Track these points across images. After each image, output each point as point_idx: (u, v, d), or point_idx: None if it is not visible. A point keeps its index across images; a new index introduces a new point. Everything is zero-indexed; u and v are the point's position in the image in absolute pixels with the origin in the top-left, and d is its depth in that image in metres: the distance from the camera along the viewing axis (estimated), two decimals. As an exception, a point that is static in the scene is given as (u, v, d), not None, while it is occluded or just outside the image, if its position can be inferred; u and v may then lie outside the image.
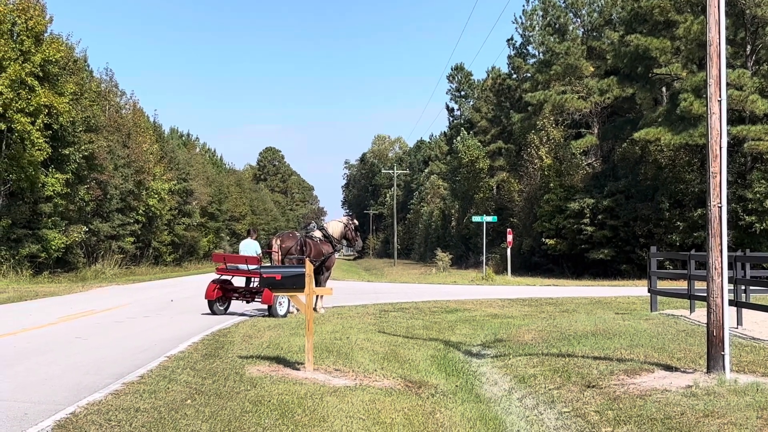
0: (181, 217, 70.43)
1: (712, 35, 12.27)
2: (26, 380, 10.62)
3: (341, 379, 11.32)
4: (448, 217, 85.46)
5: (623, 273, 44.89)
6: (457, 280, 44.10)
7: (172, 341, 14.69)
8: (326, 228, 22.75)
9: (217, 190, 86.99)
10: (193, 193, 74.16)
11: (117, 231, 52.56)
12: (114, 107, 57.90)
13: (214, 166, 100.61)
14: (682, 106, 38.88)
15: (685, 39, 40.12)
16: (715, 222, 12.07)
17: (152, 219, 60.16)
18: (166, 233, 65.52)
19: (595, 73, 52.14)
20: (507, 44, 68.34)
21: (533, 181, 55.32)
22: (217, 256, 21.54)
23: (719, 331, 11.45)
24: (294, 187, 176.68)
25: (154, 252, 63.00)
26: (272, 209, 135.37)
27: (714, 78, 12.24)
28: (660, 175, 44.94)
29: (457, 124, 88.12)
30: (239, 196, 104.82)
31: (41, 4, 41.12)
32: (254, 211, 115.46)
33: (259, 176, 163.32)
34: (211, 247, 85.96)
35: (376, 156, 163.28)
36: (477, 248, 66.87)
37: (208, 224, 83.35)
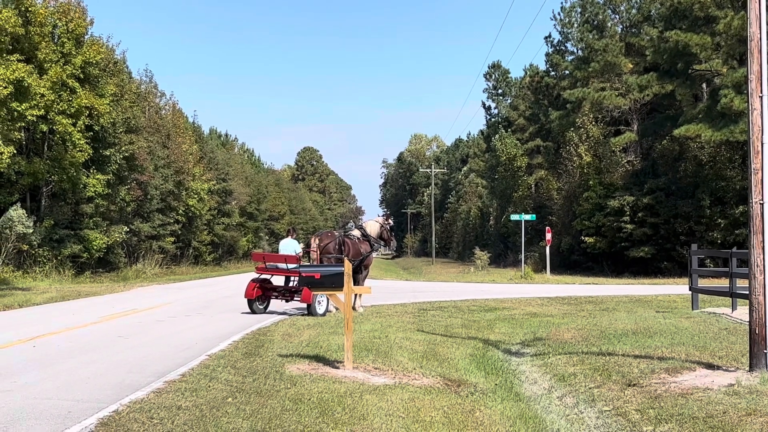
0: (221, 216, 70.94)
1: (753, 30, 12.13)
2: (69, 379, 10.77)
3: (380, 377, 11.35)
4: (486, 216, 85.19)
5: (663, 271, 44.46)
6: (495, 279, 44.01)
7: (213, 340, 14.82)
8: (364, 227, 22.83)
9: (255, 190, 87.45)
10: (232, 193, 74.66)
11: (157, 231, 53.06)
12: (154, 108, 58.48)
13: (252, 166, 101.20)
14: (723, 102, 38.39)
15: (726, 35, 39.59)
16: (757, 219, 11.92)
17: (192, 219, 60.65)
18: (206, 233, 66.03)
19: (633, 70, 51.66)
20: (545, 41, 67.82)
21: (572, 179, 54.93)
22: (257, 256, 21.66)
23: (762, 329, 11.33)
24: (332, 186, 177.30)
25: (194, 252, 63.52)
26: (310, 209, 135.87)
27: (755, 73, 12.10)
28: (700, 171, 44.45)
29: (494, 123, 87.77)
30: (278, 195, 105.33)
31: (82, 7, 41.62)
32: (293, 211, 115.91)
33: (298, 176, 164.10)
34: (250, 246, 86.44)
35: (414, 155, 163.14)
36: (515, 247, 66.57)
37: (247, 224, 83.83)
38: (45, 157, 38.41)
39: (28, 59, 36.03)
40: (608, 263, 48.59)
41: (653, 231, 45.48)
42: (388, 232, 22.92)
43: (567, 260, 52.58)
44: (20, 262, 36.70)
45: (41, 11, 37.79)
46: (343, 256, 20.83)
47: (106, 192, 41.66)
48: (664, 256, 45.13)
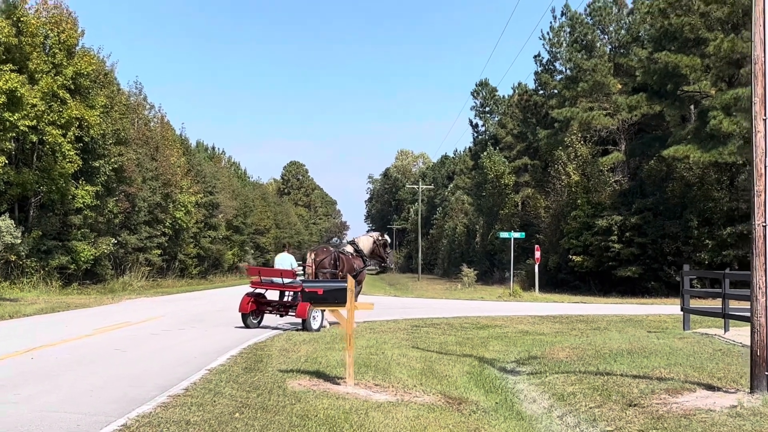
0: (207, 230, 70.76)
1: (758, 53, 12.22)
2: (72, 391, 10.71)
3: (382, 394, 11.34)
4: (473, 233, 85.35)
5: (651, 291, 44.63)
6: (484, 296, 44.02)
7: (211, 354, 14.77)
8: (357, 243, 22.84)
9: (242, 204, 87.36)
10: (219, 206, 74.50)
11: (144, 243, 52.90)
12: (143, 120, 58.39)
13: (239, 179, 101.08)
14: (712, 123, 38.73)
15: (715, 57, 39.98)
16: (760, 241, 11.99)
17: (179, 232, 60.46)
18: (192, 246, 65.83)
19: (622, 90, 52.04)
20: (534, 60, 68.36)
21: (560, 197, 55.17)
22: (252, 270, 21.63)
23: (763, 351, 11.40)
24: (317, 201, 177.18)
25: (180, 264, 63.30)
26: (296, 223, 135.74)
27: (759, 96, 12.18)
28: (688, 192, 44.73)
29: (482, 140, 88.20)
30: (264, 209, 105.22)
31: (73, 18, 41.59)
32: (278, 225, 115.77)
33: (283, 190, 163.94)
34: (236, 260, 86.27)
35: (400, 171, 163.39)
36: (502, 264, 66.68)
37: (233, 237, 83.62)
38: (34, 167, 38.26)
39: (19, 69, 35.94)
40: (595, 282, 48.76)
41: (641, 251, 45.70)
42: (381, 248, 22.92)
43: (554, 278, 52.73)
44: (8, 273, 36.46)
45: (33, 22, 37.76)
46: (337, 271, 20.86)
47: (95, 203, 41.52)
48: (652, 275, 45.34)
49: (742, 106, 38.26)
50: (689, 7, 40.63)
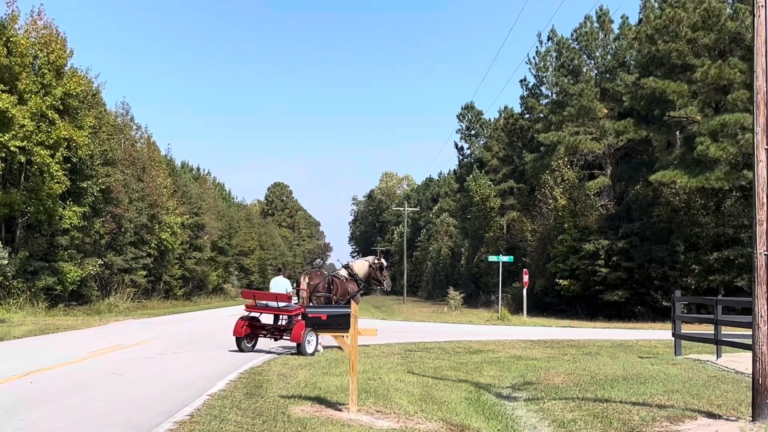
0: (192, 251, 70.68)
1: (759, 83, 12.32)
2: (77, 417, 10.64)
3: (385, 421, 11.31)
4: (458, 255, 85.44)
5: (637, 315, 44.75)
6: (472, 320, 44.04)
7: (209, 378, 14.72)
8: (352, 267, 22.84)
9: (227, 225, 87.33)
10: (205, 227, 74.43)
11: (130, 264, 52.76)
12: (129, 141, 58.34)
13: (223, 200, 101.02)
14: (699, 149, 39.02)
15: (702, 83, 40.38)
16: (761, 270, 12.05)
17: (164, 253, 60.35)
18: (177, 267, 65.70)
19: (608, 115, 52.40)
20: (520, 84, 68.71)
21: (547, 221, 55.35)
22: (247, 293, 21.57)
23: (765, 379, 11.45)
24: (301, 222, 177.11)
25: (164, 286, 63.15)
26: (280, 244, 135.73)
27: (761, 126, 12.27)
28: (675, 217, 44.99)
29: (467, 163, 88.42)
30: (248, 230, 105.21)
31: (62, 38, 41.55)
32: (262, 246, 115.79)
33: (267, 211, 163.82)
34: (220, 281, 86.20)
35: (384, 193, 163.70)
36: (487, 287, 66.77)
37: (218, 259, 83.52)
38: (22, 188, 38.13)
39: (9, 90, 35.87)
40: (582, 306, 48.87)
41: (627, 275, 45.85)
42: (379, 271, 22.90)
43: (540, 302, 52.81)
44: (-6, 294, 36.29)
45: (22, 42, 37.73)
46: (331, 295, 20.86)
47: (82, 224, 41.41)
48: (638, 300, 45.48)
49: (728, 132, 38.63)
50: (676, 33, 41.02)
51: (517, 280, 56.80)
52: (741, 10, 38.65)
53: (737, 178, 39.08)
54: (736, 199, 42.24)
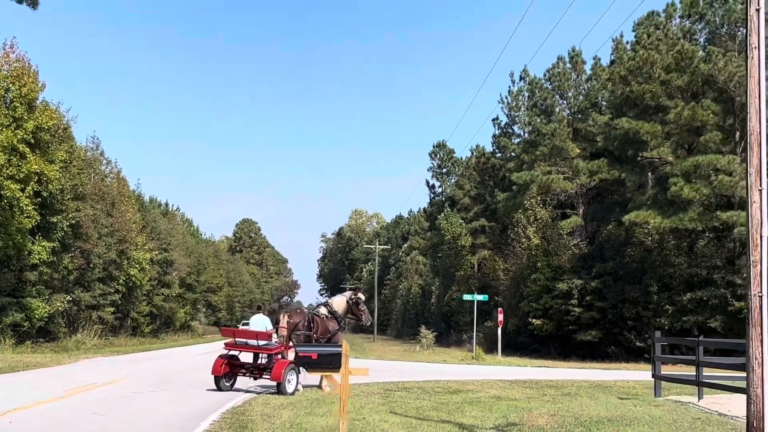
0: (161, 287, 69.92)
1: (753, 124, 12.29)
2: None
3: (376, 463, 11.04)
4: (428, 294, 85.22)
5: (610, 355, 44.71)
6: (446, 359, 43.74)
7: (191, 419, 14.35)
8: (331, 304, 22.53)
9: (196, 261, 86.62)
10: (173, 263, 73.74)
11: (98, 301, 51.98)
12: (99, 175, 57.76)
13: (192, 236, 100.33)
14: (673, 190, 39.31)
15: (676, 124, 40.78)
16: (756, 312, 11.94)
17: (132, 289, 59.56)
18: (145, 304, 64.90)
19: (581, 155, 52.74)
20: (492, 123, 69.16)
21: (520, 260, 55.35)
22: (226, 331, 21.21)
23: (760, 422, 11.31)
24: (269, 259, 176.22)
25: (132, 323, 62.27)
26: (248, 281, 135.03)
27: (755, 167, 12.22)
28: (648, 257, 45.17)
29: (438, 201, 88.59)
30: (216, 267, 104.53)
31: (34, 72, 41.10)
32: (230, 283, 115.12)
33: (235, 248, 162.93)
34: (188, 318, 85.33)
35: (354, 230, 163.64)
36: (458, 326, 66.56)
37: (186, 295, 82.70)
38: (-9, 222, 37.49)
39: (-20, 123, 35.45)
40: (555, 346, 48.78)
41: (601, 315, 45.87)
42: (356, 306, 22.62)
43: (513, 341, 52.62)
44: (-40, 330, 35.54)
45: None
46: (311, 333, 20.55)
47: (51, 260, 40.77)
48: (612, 340, 45.47)
49: (702, 173, 38.96)
50: (650, 75, 41.45)
51: (489, 319, 56.67)
52: (713, 53, 39.15)
53: (710, 219, 39.37)
54: (709, 240, 42.50)
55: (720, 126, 40.42)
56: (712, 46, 40.27)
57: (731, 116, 40.62)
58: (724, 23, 41.15)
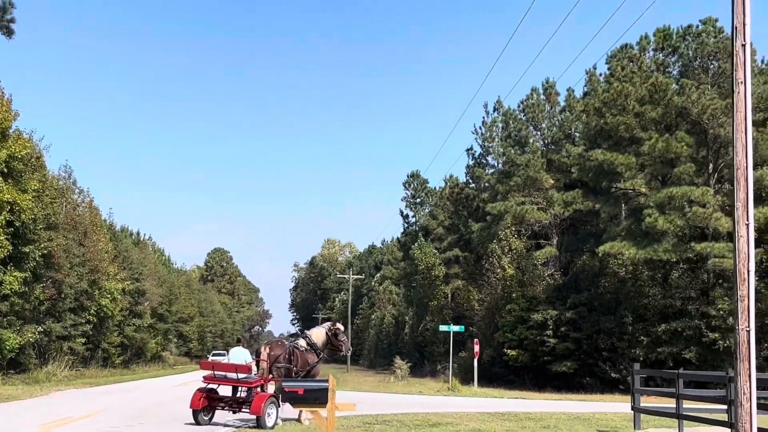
0: (132, 317, 69.17)
1: (739, 159, 12.39)
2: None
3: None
4: (401, 324, 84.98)
5: (585, 386, 44.71)
6: (422, 390, 43.44)
7: (172, 455, 14.11)
8: (310, 336, 22.31)
9: (168, 291, 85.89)
10: (145, 293, 73.09)
11: (69, 331, 51.25)
12: (72, 205, 57.25)
13: (163, 266, 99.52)
14: (648, 221, 39.55)
15: (650, 156, 41.12)
16: (743, 346, 11.98)
17: (103, 320, 58.84)
18: (116, 334, 64.15)
19: (554, 186, 52.99)
20: (466, 154, 69.40)
21: (494, 290, 55.34)
22: (205, 364, 20.90)
23: (749, 457, 11.31)
24: (241, 288, 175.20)
25: (103, 354, 61.48)
26: (219, 311, 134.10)
27: (742, 201, 12.31)
28: (622, 288, 45.36)
29: (412, 231, 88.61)
30: (188, 297, 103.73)
31: (8, 100, 40.75)
32: (202, 313, 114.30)
33: (207, 277, 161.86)
34: (159, 349, 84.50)
35: (326, 260, 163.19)
36: (432, 357, 66.34)
37: (158, 326, 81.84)
38: (-38, 252, 36.97)
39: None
40: (530, 377, 48.72)
41: (576, 346, 45.89)
42: (335, 337, 22.41)
43: (488, 372, 52.45)
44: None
45: (-33, 103, 36.97)
46: (291, 366, 20.35)
47: (22, 290, 40.20)
48: (587, 371, 45.48)
49: (676, 204, 39.25)
50: (624, 107, 41.80)
51: (464, 349, 56.50)
52: (687, 86, 39.59)
53: (684, 251, 39.61)
54: (683, 271, 42.75)
55: (693, 158, 40.78)
56: (686, 79, 40.72)
57: (704, 148, 41.01)
58: (697, 56, 41.62)
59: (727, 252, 38.34)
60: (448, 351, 50.94)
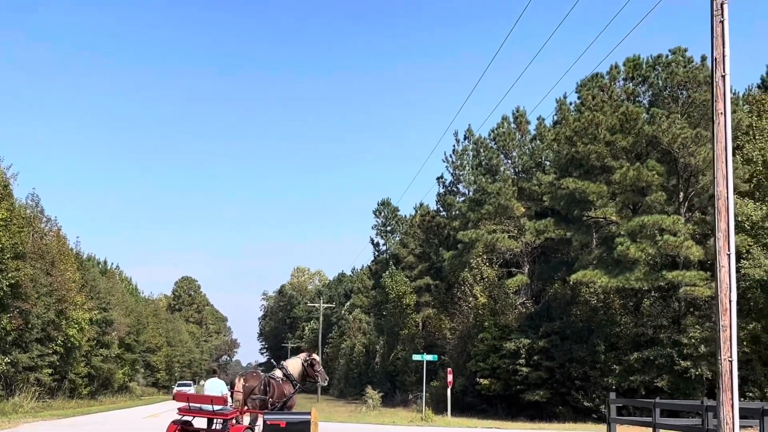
0: (99, 348, 68.37)
1: (720, 189, 12.40)
2: None
3: None
4: (372, 353, 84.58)
5: (558, 415, 44.57)
6: (395, 420, 43.12)
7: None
8: (286, 367, 22.02)
9: (135, 320, 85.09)
10: (113, 323, 72.29)
11: (35, 362, 50.46)
12: (39, 233, 56.58)
13: (131, 295, 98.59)
14: (619, 249, 39.72)
15: (621, 184, 41.36)
16: (726, 376, 11.94)
17: (70, 350, 58.05)
18: (83, 365, 63.33)
19: (525, 214, 53.13)
20: (437, 182, 69.48)
21: (466, 319, 55.23)
22: (180, 396, 20.51)
23: (734, 488, 11.24)
24: (209, 317, 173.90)
25: (70, 384, 60.61)
26: (187, 340, 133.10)
27: (723, 231, 12.30)
28: (594, 317, 45.43)
29: (383, 259, 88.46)
30: (156, 326, 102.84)
31: (-25, 129, 40.39)
32: (170, 343, 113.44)
33: (174, 306, 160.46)
34: (126, 380, 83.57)
35: (295, 288, 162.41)
36: (404, 386, 65.97)
37: (125, 356, 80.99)
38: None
39: None
40: (503, 406, 48.55)
41: (548, 374, 45.81)
42: (311, 368, 22.11)
43: (461, 401, 52.20)
44: None
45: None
46: (267, 397, 20.05)
47: (-12, 321, 39.65)
48: (560, 400, 45.39)
49: (647, 233, 39.46)
50: (595, 135, 42.06)
51: (435, 378, 56.26)
52: (657, 115, 39.92)
53: (656, 279, 39.78)
54: (654, 300, 42.91)
55: (664, 186, 41.05)
56: (656, 108, 41.04)
57: (675, 177, 41.32)
58: (667, 86, 41.98)
59: (699, 280, 38.60)
60: (419, 380, 50.69)
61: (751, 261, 35.17)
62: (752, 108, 43.95)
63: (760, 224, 37.07)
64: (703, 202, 41.01)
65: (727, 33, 12.46)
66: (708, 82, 38.84)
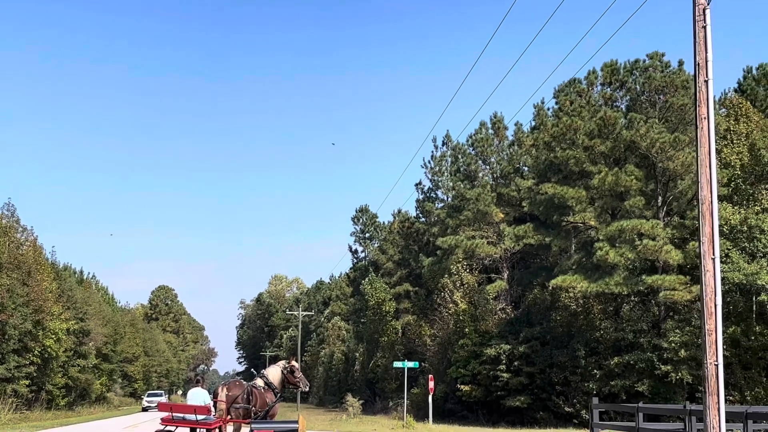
0: (77, 358, 67.82)
1: (705, 194, 12.39)
2: None
3: None
4: (352, 360, 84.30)
5: (539, 421, 44.52)
6: (377, 428, 42.92)
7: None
8: (267, 375, 21.89)
9: (113, 330, 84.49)
10: (90, 333, 71.69)
11: (12, 373, 50.06)
12: (15, 243, 56.02)
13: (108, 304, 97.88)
14: (599, 254, 39.74)
15: (599, 189, 41.46)
16: (712, 380, 11.93)
17: (47, 361, 57.56)
18: (61, 376, 62.81)
19: (504, 219, 53.21)
20: (415, 188, 69.55)
21: (447, 325, 55.17)
22: (163, 406, 20.36)
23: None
24: (186, 326, 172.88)
25: (47, 395, 60.08)
26: (164, 350, 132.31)
27: (707, 236, 12.30)
28: (574, 322, 45.47)
29: (361, 266, 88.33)
30: (133, 336, 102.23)
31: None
32: (147, 353, 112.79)
33: (151, 315, 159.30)
34: (104, 390, 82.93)
35: (273, 296, 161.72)
36: (384, 393, 65.81)
37: (102, 366, 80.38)
38: None
39: None
40: (484, 412, 48.51)
41: (529, 380, 45.80)
42: (292, 374, 21.98)
43: (441, 408, 52.02)
44: None
45: None
46: (250, 406, 19.92)
47: (-35, 332, 39.22)
48: (540, 405, 45.35)
49: (626, 238, 39.56)
50: (573, 141, 42.15)
51: (416, 385, 56.14)
52: (635, 119, 40.05)
53: (635, 283, 39.82)
54: (634, 304, 42.99)
55: (642, 191, 41.17)
56: (634, 113, 41.17)
57: (653, 181, 41.46)
58: (645, 90, 42.15)
59: (678, 284, 38.70)
60: (400, 387, 50.60)
61: (730, 265, 35.29)
62: (729, 112, 44.28)
63: (739, 228, 37.26)
64: (682, 206, 41.19)
65: (710, 38, 12.48)
66: (685, 86, 39.12)
